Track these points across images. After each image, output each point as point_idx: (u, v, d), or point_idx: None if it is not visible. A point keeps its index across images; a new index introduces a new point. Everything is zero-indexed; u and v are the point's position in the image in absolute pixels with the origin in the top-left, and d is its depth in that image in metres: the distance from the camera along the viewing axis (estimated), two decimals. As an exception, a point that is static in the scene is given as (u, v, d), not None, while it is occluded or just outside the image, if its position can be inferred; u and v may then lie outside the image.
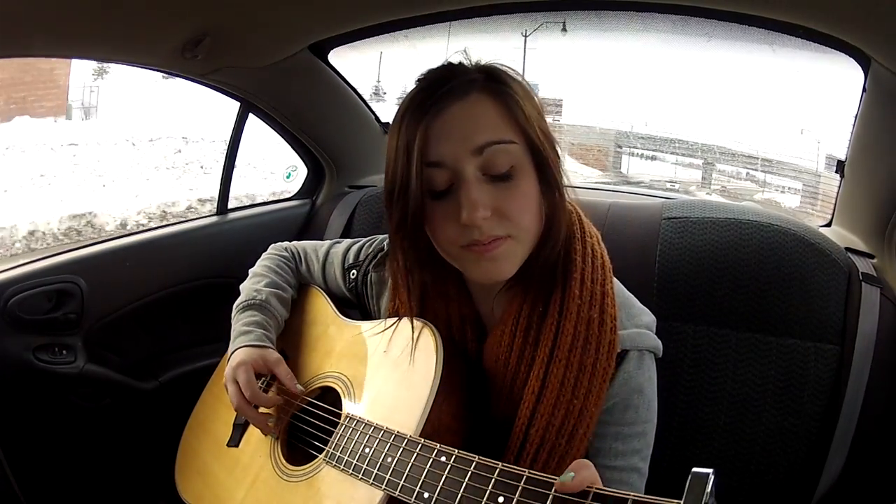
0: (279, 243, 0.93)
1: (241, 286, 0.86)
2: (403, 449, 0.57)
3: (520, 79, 0.64)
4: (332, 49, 1.17)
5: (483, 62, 0.64)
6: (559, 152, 0.65)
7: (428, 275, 0.67)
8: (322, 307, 0.84)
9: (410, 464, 0.55)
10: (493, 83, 0.61)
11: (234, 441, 0.77)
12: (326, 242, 0.91)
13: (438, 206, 0.60)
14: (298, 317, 0.86)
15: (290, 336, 0.84)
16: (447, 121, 0.59)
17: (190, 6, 0.84)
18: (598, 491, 0.44)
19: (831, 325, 0.86)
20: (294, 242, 0.94)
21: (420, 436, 0.57)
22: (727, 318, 0.88)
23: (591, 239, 0.68)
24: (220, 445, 0.79)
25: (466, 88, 0.60)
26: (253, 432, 0.76)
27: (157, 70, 1.07)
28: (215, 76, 1.12)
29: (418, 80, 0.63)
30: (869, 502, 0.85)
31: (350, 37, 1.11)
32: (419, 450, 0.56)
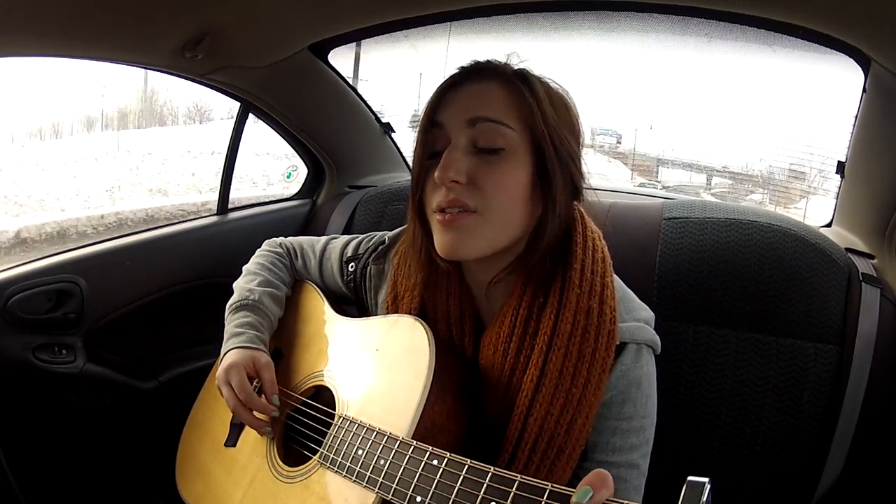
0: (274, 239, 0.93)
1: (235, 284, 0.86)
2: (396, 451, 0.56)
3: (553, 85, 0.67)
4: (333, 49, 1.17)
5: (524, 65, 0.67)
6: (578, 165, 0.66)
7: (431, 263, 0.69)
8: (317, 304, 0.84)
9: (403, 467, 0.55)
10: (516, 78, 0.64)
11: (232, 441, 0.77)
12: (323, 238, 0.91)
13: (431, 167, 0.64)
14: (293, 314, 0.85)
15: (284, 334, 0.84)
16: (458, 92, 0.65)
17: (190, 6, 0.84)
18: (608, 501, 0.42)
19: (831, 325, 0.86)
20: (289, 238, 0.93)
21: (413, 437, 0.57)
22: (727, 318, 0.89)
23: (593, 234, 0.68)
24: (219, 445, 0.78)
25: (488, 75, 0.65)
26: (250, 432, 0.76)
27: (158, 70, 1.07)
28: (215, 76, 1.12)
29: (460, 66, 0.68)
30: (869, 502, 0.85)
31: (350, 37, 1.11)
32: (411, 452, 0.55)
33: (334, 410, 0.68)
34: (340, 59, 1.22)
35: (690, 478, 0.40)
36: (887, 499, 0.84)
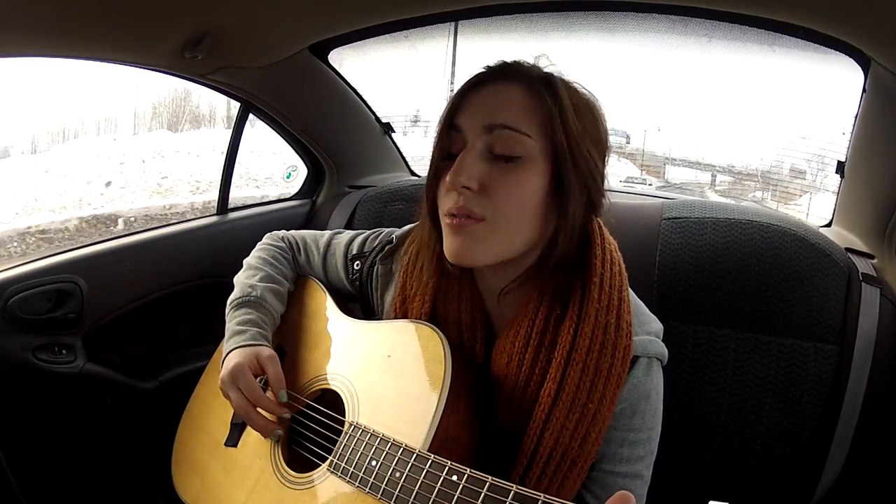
0: (275, 232, 0.91)
1: (235, 279, 0.84)
2: (412, 464, 0.55)
3: (582, 92, 0.64)
4: (332, 49, 1.17)
5: (553, 69, 0.64)
6: (598, 180, 0.64)
7: (443, 267, 0.68)
8: (322, 301, 0.82)
9: (420, 481, 0.53)
10: (542, 84, 0.62)
11: (233, 441, 0.75)
12: (327, 233, 0.89)
13: (445, 168, 0.63)
14: (297, 310, 0.84)
15: (288, 331, 0.82)
16: (478, 93, 0.63)
17: (190, 6, 0.84)
18: None
19: (831, 325, 0.86)
20: (292, 231, 0.92)
21: (428, 449, 0.55)
22: (727, 318, 0.89)
23: (610, 246, 0.67)
24: (217, 443, 0.77)
25: (511, 78, 0.62)
26: (251, 432, 0.74)
27: (158, 70, 1.07)
28: (215, 76, 1.11)
29: (486, 66, 0.66)
30: (869, 502, 0.85)
31: (350, 37, 1.11)
32: (429, 466, 0.53)
33: (341, 416, 0.66)
34: (340, 58, 1.22)
35: (712, 503, 0.40)
36: (887, 499, 0.84)
